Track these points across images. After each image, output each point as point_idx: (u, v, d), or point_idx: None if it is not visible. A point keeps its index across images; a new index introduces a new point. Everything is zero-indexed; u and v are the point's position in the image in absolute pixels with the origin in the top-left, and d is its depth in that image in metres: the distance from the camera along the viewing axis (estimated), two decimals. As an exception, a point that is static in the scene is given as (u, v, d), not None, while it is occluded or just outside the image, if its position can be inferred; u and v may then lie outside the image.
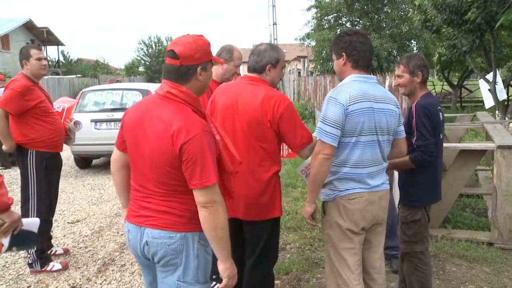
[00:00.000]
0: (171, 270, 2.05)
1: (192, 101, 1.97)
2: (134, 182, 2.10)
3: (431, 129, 2.88)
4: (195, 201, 1.91)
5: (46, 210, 4.03)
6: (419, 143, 2.84)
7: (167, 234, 1.98)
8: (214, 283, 3.55)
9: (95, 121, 8.19)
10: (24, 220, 2.42)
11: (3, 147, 3.96)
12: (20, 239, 2.41)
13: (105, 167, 8.93)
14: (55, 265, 4.02)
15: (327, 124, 2.32)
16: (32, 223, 2.54)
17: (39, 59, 3.93)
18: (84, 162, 8.85)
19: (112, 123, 8.13)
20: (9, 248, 2.40)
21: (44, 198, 3.96)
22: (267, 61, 2.62)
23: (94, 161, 9.42)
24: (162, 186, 1.97)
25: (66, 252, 4.42)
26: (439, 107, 3.04)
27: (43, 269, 3.95)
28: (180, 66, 1.92)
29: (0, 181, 2.18)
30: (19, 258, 4.32)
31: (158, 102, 1.98)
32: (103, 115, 8.24)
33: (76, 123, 4.34)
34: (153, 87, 9.13)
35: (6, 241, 2.34)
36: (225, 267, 1.98)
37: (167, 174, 1.94)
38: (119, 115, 7.75)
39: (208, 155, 1.87)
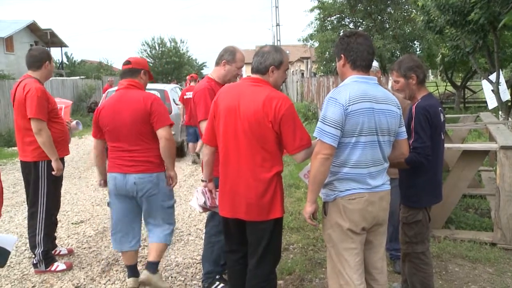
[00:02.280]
0: (153, 197, 3.33)
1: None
2: (117, 147, 3.32)
3: (429, 132, 2.88)
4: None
5: (55, 211, 4.12)
6: (415, 144, 2.85)
7: (147, 175, 3.27)
8: (217, 283, 3.57)
9: None
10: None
11: (53, 164, 3.86)
12: None
13: (109, 168, 8.97)
14: (60, 265, 4.05)
15: (327, 124, 2.33)
16: (6, 240, 2.44)
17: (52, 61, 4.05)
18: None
19: None
20: None
21: (53, 200, 4.04)
22: (270, 62, 2.63)
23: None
24: (139, 143, 3.26)
25: (70, 252, 4.45)
26: (440, 108, 3.04)
27: (48, 269, 3.98)
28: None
29: None
30: (24, 259, 4.35)
31: (123, 91, 3.38)
32: None
33: (77, 123, 4.42)
34: (169, 87, 10.79)
35: None
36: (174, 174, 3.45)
37: (142, 133, 3.24)
38: None
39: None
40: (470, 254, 4.08)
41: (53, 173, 3.90)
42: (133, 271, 3.52)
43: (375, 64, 3.59)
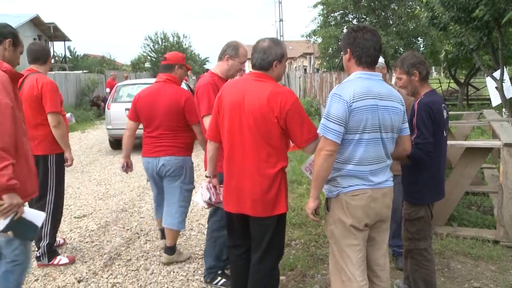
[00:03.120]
0: (176, 177, 3.85)
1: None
2: (150, 135, 3.86)
3: (432, 128, 2.87)
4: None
5: (62, 204, 4.21)
6: (417, 140, 2.84)
7: (174, 158, 3.79)
8: (220, 278, 3.58)
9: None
10: (28, 209, 2.49)
11: (66, 155, 4.03)
12: (19, 226, 2.44)
13: (111, 163, 8.99)
14: (62, 259, 4.07)
15: (330, 121, 2.32)
16: (36, 215, 2.56)
17: None
18: (117, 143, 10.04)
19: None
20: (4, 231, 2.41)
21: (60, 193, 4.12)
22: (273, 58, 2.62)
23: (100, 157, 9.52)
24: (170, 132, 3.77)
25: (63, 244, 4.52)
26: (443, 105, 3.03)
27: (50, 262, 4.01)
28: None
29: (6, 164, 2.25)
30: (26, 252, 4.36)
31: (161, 84, 3.87)
32: None
33: (71, 116, 4.58)
34: None
35: (3, 222, 2.38)
36: None
37: (172, 124, 3.77)
38: None
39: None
40: (472, 252, 4.08)
41: (67, 164, 4.06)
42: (163, 234, 4.16)
43: (380, 60, 3.59)
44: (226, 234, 3.02)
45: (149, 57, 38.07)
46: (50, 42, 34.07)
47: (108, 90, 16.42)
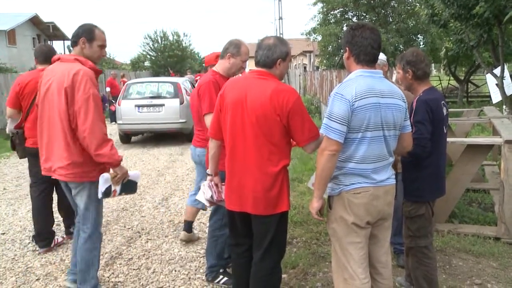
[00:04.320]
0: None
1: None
2: (195, 127, 3.93)
3: (429, 124, 2.88)
4: None
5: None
6: (414, 136, 2.84)
7: (204, 150, 3.64)
8: (221, 276, 3.58)
9: (138, 106, 10.60)
10: (130, 172, 3.21)
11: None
12: (127, 187, 3.24)
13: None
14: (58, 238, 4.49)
15: (333, 120, 2.31)
16: (135, 175, 3.31)
17: None
18: (127, 137, 11.26)
19: (151, 108, 10.58)
20: (120, 194, 3.21)
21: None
22: (278, 56, 2.61)
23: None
24: (201, 124, 3.69)
25: (62, 242, 4.57)
26: (442, 102, 3.03)
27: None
28: None
29: (112, 143, 2.99)
30: (27, 251, 4.37)
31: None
32: (144, 102, 10.66)
33: None
34: (181, 80, 11.82)
35: (118, 188, 3.17)
36: None
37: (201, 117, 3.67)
38: (156, 101, 10.61)
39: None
40: (473, 249, 4.08)
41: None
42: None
43: (382, 57, 3.61)
44: (228, 232, 3.02)
45: (148, 56, 37.99)
46: (49, 41, 34.06)
47: (108, 89, 16.38)
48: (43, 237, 4.33)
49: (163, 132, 10.92)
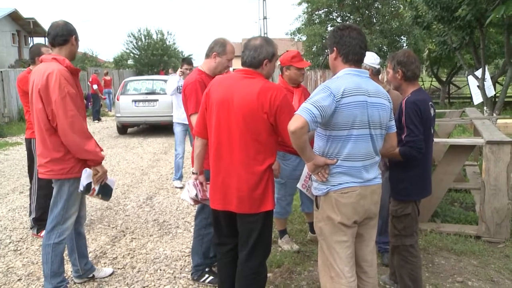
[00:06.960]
0: None
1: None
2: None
3: (420, 125, 2.92)
4: None
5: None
6: (408, 139, 2.88)
7: None
8: (207, 275, 3.57)
9: (135, 101, 12.05)
10: (108, 177, 3.30)
11: None
12: (104, 190, 3.28)
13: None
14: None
15: (311, 104, 2.25)
16: (111, 180, 3.37)
17: None
18: (123, 129, 12.74)
19: (146, 102, 12.06)
20: (97, 194, 3.23)
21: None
22: (264, 56, 2.62)
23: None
24: None
25: None
26: (430, 103, 3.08)
27: (38, 234, 4.57)
28: None
29: (95, 141, 3.08)
30: (8, 251, 4.29)
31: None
32: (140, 97, 12.17)
33: None
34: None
35: (97, 188, 3.20)
36: None
37: None
38: (151, 97, 12.10)
39: None
40: (455, 247, 4.15)
41: None
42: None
43: (375, 62, 3.69)
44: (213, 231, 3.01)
45: (132, 54, 37.55)
46: (30, 37, 33.48)
47: (95, 86, 16.53)
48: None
49: (157, 124, 12.24)
